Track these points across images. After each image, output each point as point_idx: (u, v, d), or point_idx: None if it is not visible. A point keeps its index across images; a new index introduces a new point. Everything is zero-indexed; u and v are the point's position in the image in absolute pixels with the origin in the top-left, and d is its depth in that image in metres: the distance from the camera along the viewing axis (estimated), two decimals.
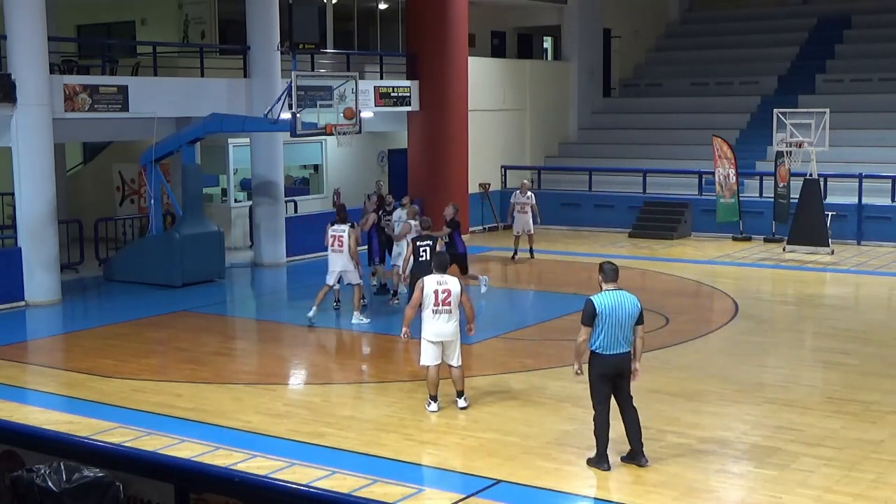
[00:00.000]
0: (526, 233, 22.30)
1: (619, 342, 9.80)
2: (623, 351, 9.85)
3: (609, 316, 9.73)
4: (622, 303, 9.81)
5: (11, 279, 18.12)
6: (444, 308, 11.51)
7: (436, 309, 11.49)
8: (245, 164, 23.77)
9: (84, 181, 27.07)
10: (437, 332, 11.55)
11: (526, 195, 22.34)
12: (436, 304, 11.49)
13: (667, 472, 9.90)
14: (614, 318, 9.74)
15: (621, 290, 9.93)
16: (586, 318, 9.81)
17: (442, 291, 11.51)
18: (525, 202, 22.26)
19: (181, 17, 26.46)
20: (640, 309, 9.89)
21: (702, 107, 30.82)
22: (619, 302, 9.80)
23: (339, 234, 16.29)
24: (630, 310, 9.81)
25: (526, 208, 22.23)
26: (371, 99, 24.48)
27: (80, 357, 14.94)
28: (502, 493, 9.57)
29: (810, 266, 21.65)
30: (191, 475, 5.75)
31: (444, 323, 11.55)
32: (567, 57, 32.10)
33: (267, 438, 11.07)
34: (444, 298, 11.50)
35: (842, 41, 32.32)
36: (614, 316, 9.74)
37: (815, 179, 22.91)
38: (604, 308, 9.75)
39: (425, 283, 11.60)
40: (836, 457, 10.26)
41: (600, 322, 9.74)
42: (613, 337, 9.77)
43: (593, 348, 9.86)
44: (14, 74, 17.89)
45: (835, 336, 15.78)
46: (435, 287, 11.53)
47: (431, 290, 11.51)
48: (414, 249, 15.42)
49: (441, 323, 11.53)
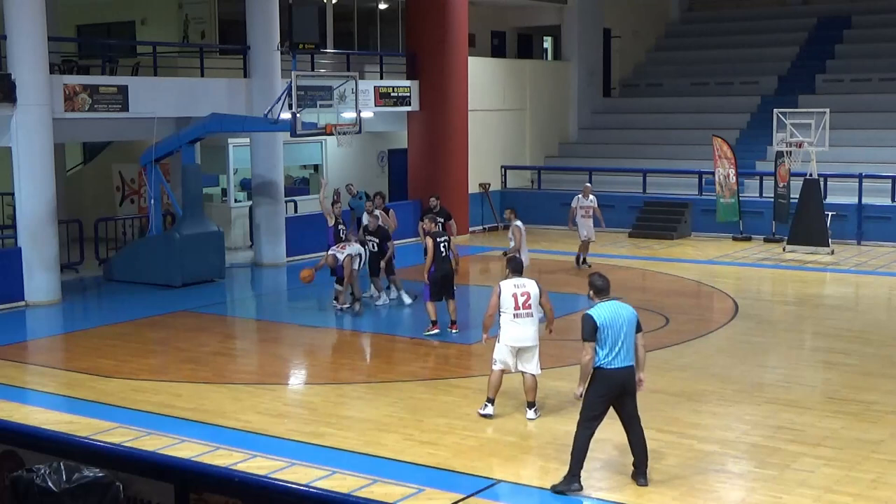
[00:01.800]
0: (589, 239, 21.46)
1: (623, 355, 9.38)
2: (628, 364, 9.42)
3: (610, 327, 9.32)
4: (620, 312, 9.45)
5: (11, 279, 18.11)
6: (524, 311, 11.13)
7: (517, 313, 11.09)
8: (245, 164, 23.77)
9: (84, 181, 27.06)
10: (518, 337, 11.17)
11: (589, 199, 21.45)
12: (516, 308, 11.10)
13: (667, 472, 9.90)
14: (615, 330, 9.34)
15: (616, 300, 9.60)
16: (588, 333, 9.35)
17: (521, 294, 11.13)
18: (589, 206, 21.39)
19: (181, 16, 26.46)
20: (637, 316, 9.58)
21: (702, 107, 30.82)
22: (617, 312, 9.43)
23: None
24: (629, 318, 9.45)
25: (590, 212, 21.37)
26: (371, 99, 24.48)
27: (80, 357, 14.94)
28: (502, 493, 9.58)
29: (810, 266, 21.65)
30: (191, 475, 5.75)
31: (526, 327, 11.16)
32: (567, 57, 32.10)
33: (267, 438, 11.07)
34: (524, 301, 11.12)
35: (842, 41, 32.32)
36: (615, 327, 9.34)
37: (815, 179, 22.91)
38: (604, 320, 9.35)
39: (502, 287, 11.21)
40: (836, 457, 10.26)
41: (602, 335, 9.33)
42: (617, 349, 9.34)
43: (597, 364, 9.40)
44: (14, 74, 17.88)
45: (835, 336, 15.77)
46: (513, 290, 11.16)
47: (510, 294, 11.14)
48: (434, 246, 15.51)
49: (523, 327, 11.14)
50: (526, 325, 11.16)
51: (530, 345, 11.25)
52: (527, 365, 11.34)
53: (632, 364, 9.47)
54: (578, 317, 10.09)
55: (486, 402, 11.48)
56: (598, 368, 9.40)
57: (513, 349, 11.22)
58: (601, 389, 9.42)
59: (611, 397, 9.46)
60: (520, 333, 11.15)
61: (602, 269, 21.36)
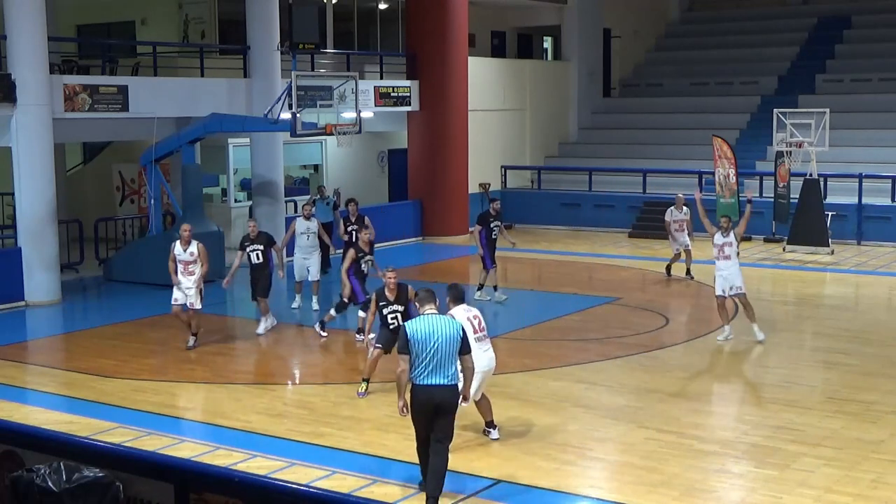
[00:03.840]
0: (685, 249, 20.18)
1: (437, 372, 8.76)
2: (443, 383, 8.78)
3: (423, 342, 8.75)
4: (439, 328, 8.84)
5: (11, 279, 18.12)
6: (482, 334, 10.48)
7: (477, 337, 10.29)
8: (245, 164, 23.77)
9: (84, 181, 27.06)
10: (484, 364, 10.37)
11: (682, 211, 20.06)
12: (475, 332, 10.29)
13: (667, 472, 9.90)
14: (429, 345, 8.75)
15: (441, 315, 9.07)
16: (400, 345, 8.86)
17: (474, 318, 10.41)
18: (682, 219, 20.05)
19: (181, 16, 26.47)
20: (462, 336, 8.94)
21: (702, 107, 30.83)
22: (435, 327, 8.84)
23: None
24: (449, 336, 8.83)
25: (683, 226, 20.04)
26: (371, 99, 24.48)
27: (80, 357, 14.94)
28: (502, 493, 9.57)
29: (810, 266, 21.65)
30: (191, 475, 5.74)
31: (488, 351, 10.54)
32: (567, 57, 32.11)
33: (267, 438, 11.08)
34: (478, 324, 10.43)
35: (842, 41, 32.33)
36: (429, 342, 8.75)
37: (815, 179, 22.92)
38: (416, 334, 8.78)
39: (455, 317, 10.03)
40: (837, 457, 10.26)
41: (414, 349, 8.75)
42: (431, 366, 8.75)
43: (411, 379, 8.86)
44: (14, 74, 17.89)
45: (835, 336, 15.77)
46: (466, 315, 10.32)
47: (465, 321, 10.08)
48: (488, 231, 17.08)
49: (483, 352, 10.39)
50: (487, 348, 10.53)
51: (493, 365, 10.65)
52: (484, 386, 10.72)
53: (448, 384, 8.84)
54: (577, 317, 10.10)
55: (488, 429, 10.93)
56: (412, 384, 8.90)
57: (485, 374, 10.51)
58: (414, 406, 8.94)
59: (426, 415, 8.92)
60: (487, 358, 10.49)
61: (602, 270, 21.50)
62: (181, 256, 14.89)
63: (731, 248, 15.18)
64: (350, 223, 18.20)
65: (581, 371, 13.96)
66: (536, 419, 11.57)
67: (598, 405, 12.19)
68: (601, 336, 15.57)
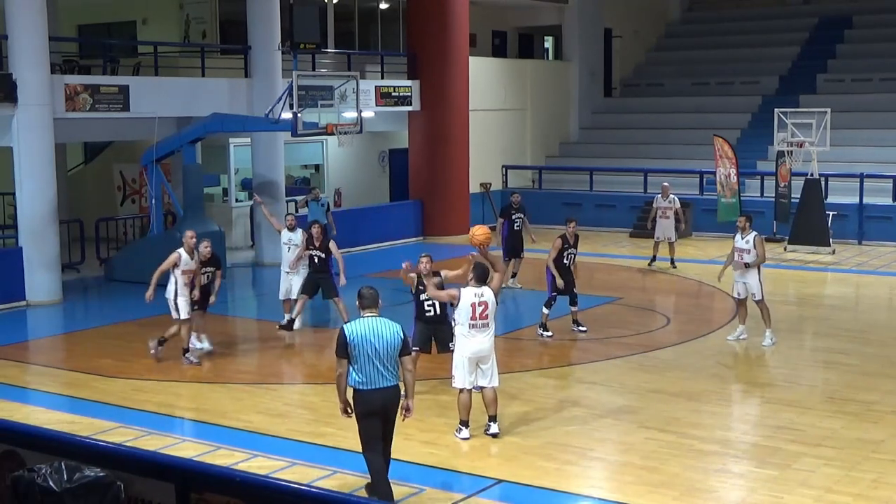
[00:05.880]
0: (666, 239, 21.01)
1: (380, 375, 8.77)
2: (385, 385, 8.80)
3: (361, 346, 8.71)
4: (380, 331, 8.79)
5: (12, 279, 18.13)
6: (481, 322, 10.61)
7: (472, 323, 10.56)
8: (246, 164, 23.77)
9: (85, 181, 27.08)
10: (474, 350, 10.65)
11: (668, 199, 21.03)
12: (472, 318, 10.56)
13: (667, 472, 9.91)
14: (368, 348, 8.71)
15: (380, 318, 8.92)
16: (338, 348, 8.80)
17: (479, 304, 10.59)
18: (667, 206, 20.95)
19: (182, 16, 26.48)
20: (402, 338, 8.88)
21: (703, 107, 30.83)
22: (375, 330, 8.78)
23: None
24: (390, 339, 8.79)
25: (668, 213, 20.94)
26: (372, 98, 24.49)
27: (82, 357, 14.95)
28: (503, 493, 9.59)
29: (811, 266, 21.66)
30: (192, 475, 5.75)
31: (481, 338, 10.66)
32: (568, 57, 32.12)
33: (268, 438, 11.09)
34: (481, 312, 10.60)
35: (843, 41, 32.32)
36: (368, 345, 8.72)
37: (816, 179, 22.92)
38: (354, 336, 8.74)
39: (462, 294, 10.61)
40: (837, 457, 10.27)
41: (354, 353, 8.72)
42: (374, 369, 8.75)
43: (353, 384, 8.85)
44: (15, 74, 17.89)
45: (835, 336, 15.77)
46: (472, 300, 10.59)
47: (468, 303, 10.55)
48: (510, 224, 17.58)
49: (479, 339, 10.64)
50: (482, 336, 10.65)
51: (487, 354, 10.72)
52: (485, 378, 10.80)
53: (390, 385, 8.87)
54: (581, 316, 10.06)
55: (459, 426, 10.94)
56: (355, 390, 8.89)
57: (471, 361, 10.68)
58: (360, 411, 8.92)
59: (374, 416, 8.92)
60: (477, 344, 10.65)
61: (603, 269, 21.49)
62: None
63: (749, 255, 14.76)
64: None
65: (582, 371, 13.97)
66: (537, 419, 11.58)
67: (599, 405, 12.20)
68: (602, 336, 15.58)
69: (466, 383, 10.77)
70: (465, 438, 10.87)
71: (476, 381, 10.84)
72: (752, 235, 14.79)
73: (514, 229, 18.92)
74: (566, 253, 15.54)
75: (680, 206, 21.30)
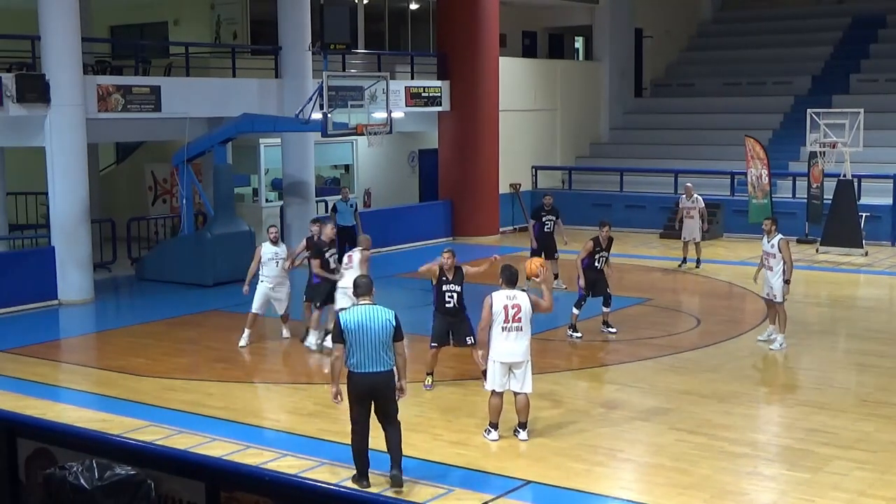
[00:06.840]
0: (692, 240, 20.98)
1: (373, 360, 9.27)
2: (377, 370, 9.29)
3: (356, 332, 9.24)
4: (374, 318, 9.30)
5: (45, 278, 18.27)
6: (514, 325, 10.57)
7: (506, 326, 10.55)
8: (276, 164, 23.84)
9: (117, 181, 27.25)
10: (508, 352, 10.58)
11: (692, 199, 20.94)
12: (506, 321, 10.56)
13: (698, 475, 9.85)
14: (362, 335, 9.24)
15: (375, 305, 9.43)
16: (335, 335, 9.45)
17: (512, 307, 10.57)
18: (691, 207, 20.87)
19: (213, 17, 26.59)
20: (394, 324, 9.36)
21: (734, 107, 30.63)
22: (370, 317, 9.29)
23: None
24: (383, 325, 9.29)
25: (693, 213, 20.86)
26: (402, 99, 24.51)
27: (113, 356, 15.04)
28: (532, 494, 9.56)
29: (844, 267, 21.47)
30: (222, 474, 5.77)
31: (516, 342, 10.60)
32: (598, 57, 32.01)
33: (297, 438, 11.11)
34: (514, 314, 10.57)
35: (876, 41, 32.02)
36: (363, 332, 9.24)
37: (849, 180, 22.72)
38: (349, 323, 9.27)
39: (494, 298, 10.65)
40: (870, 460, 10.17)
41: (349, 339, 9.25)
42: (366, 355, 9.25)
43: (348, 366, 9.37)
44: (48, 75, 18.04)
45: (868, 338, 15.62)
46: (505, 302, 10.62)
47: (501, 306, 10.59)
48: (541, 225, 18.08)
49: (513, 342, 10.59)
50: (516, 339, 10.59)
51: (521, 360, 10.64)
52: (517, 383, 10.71)
53: (382, 370, 9.34)
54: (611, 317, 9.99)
55: (488, 428, 10.92)
56: (349, 372, 9.41)
57: (504, 365, 10.66)
58: (351, 393, 9.43)
59: (362, 401, 9.42)
60: (510, 348, 10.59)
61: (633, 270, 21.39)
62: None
63: (774, 259, 14.62)
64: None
65: (612, 372, 13.92)
66: (566, 420, 11.54)
67: (629, 406, 12.14)
68: (632, 337, 15.51)
69: (497, 386, 10.74)
70: (494, 440, 10.85)
71: (509, 385, 10.78)
72: (777, 239, 14.58)
73: (544, 231, 18.96)
74: (597, 256, 15.44)
75: (704, 205, 21.19)
